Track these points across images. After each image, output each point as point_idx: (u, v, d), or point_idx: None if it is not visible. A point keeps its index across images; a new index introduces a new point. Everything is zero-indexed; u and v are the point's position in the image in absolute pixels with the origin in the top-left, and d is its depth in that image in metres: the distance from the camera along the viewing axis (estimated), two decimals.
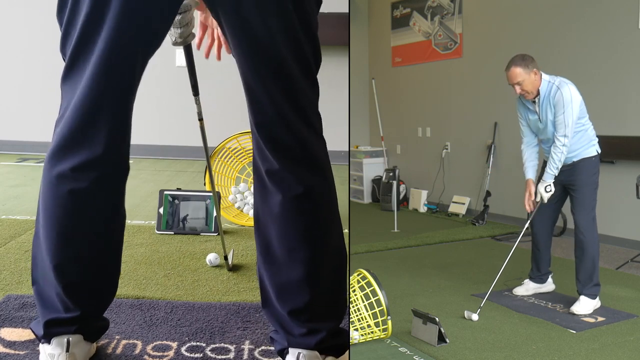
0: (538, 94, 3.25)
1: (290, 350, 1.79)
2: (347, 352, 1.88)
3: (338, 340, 1.84)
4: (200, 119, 2.55)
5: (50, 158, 1.71)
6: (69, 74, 1.70)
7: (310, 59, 1.73)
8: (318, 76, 1.82)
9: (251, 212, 3.83)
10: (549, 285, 3.59)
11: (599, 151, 3.31)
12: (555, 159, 3.22)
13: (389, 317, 2.74)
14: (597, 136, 3.38)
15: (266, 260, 1.78)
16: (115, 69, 1.66)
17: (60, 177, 1.68)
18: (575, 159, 3.28)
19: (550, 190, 3.28)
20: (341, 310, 1.86)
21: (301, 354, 1.75)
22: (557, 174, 3.26)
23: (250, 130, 1.78)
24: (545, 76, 3.25)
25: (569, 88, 3.17)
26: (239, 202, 3.92)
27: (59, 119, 1.72)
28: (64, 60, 1.71)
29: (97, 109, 1.67)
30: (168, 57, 6.02)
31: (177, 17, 1.92)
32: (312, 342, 1.76)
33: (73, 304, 1.79)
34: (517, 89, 3.26)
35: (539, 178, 3.35)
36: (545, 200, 3.31)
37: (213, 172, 3.86)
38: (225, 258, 2.85)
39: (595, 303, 3.27)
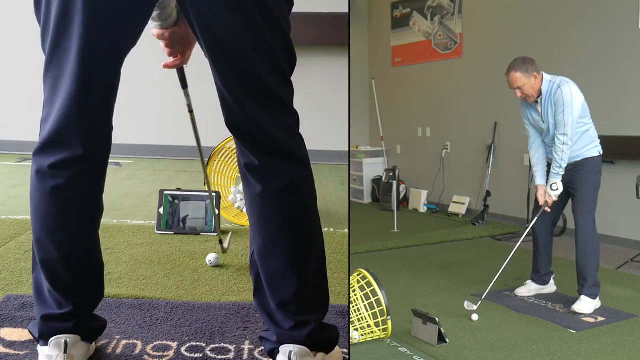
0: (540, 94, 3.25)
1: (281, 348, 1.79)
2: (336, 349, 1.89)
3: (327, 335, 1.85)
4: (191, 111, 2.51)
5: (33, 155, 1.75)
6: (47, 71, 1.72)
7: (279, 57, 1.70)
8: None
9: None
10: (551, 287, 3.58)
11: (601, 152, 3.31)
12: (557, 158, 3.21)
13: (389, 317, 2.74)
14: (598, 136, 3.38)
15: (257, 251, 1.80)
16: (89, 70, 1.67)
17: (39, 173, 1.72)
18: (577, 159, 3.28)
19: (557, 189, 3.26)
20: (326, 300, 1.88)
21: (292, 352, 1.76)
22: (563, 173, 3.24)
23: None
24: (546, 76, 3.25)
25: (569, 87, 3.17)
26: (239, 202, 3.92)
27: (43, 119, 1.75)
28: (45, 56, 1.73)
29: (76, 110, 1.68)
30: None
31: None
32: (302, 334, 1.77)
33: (64, 299, 1.80)
34: (518, 93, 3.26)
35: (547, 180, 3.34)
36: (555, 198, 3.29)
37: (213, 172, 3.87)
38: (221, 242, 2.86)
39: (596, 303, 3.27)
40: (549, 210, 3.34)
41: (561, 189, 3.27)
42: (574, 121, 3.16)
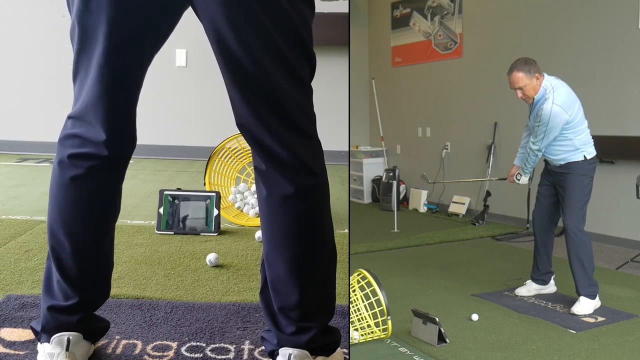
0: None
1: (281, 351, 1.79)
2: (337, 350, 1.88)
3: (329, 339, 1.84)
4: None
5: (58, 144, 1.77)
6: (76, 68, 1.73)
7: (292, 59, 1.67)
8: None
9: (251, 212, 3.83)
10: (551, 287, 3.58)
11: (588, 157, 3.27)
12: (525, 159, 3.45)
13: (389, 317, 2.75)
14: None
15: (264, 254, 1.79)
16: (115, 70, 1.68)
17: (61, 164, 1.75)
18: (562, 162, 3.30)
19: (519, 180, 3.58)
20: (331, 308, 1.86)
21: (292, 355, 1.75)
22: (528, 173, 3.51)
23: None
24: (546, 82, 3.24)
25: (550, 106, 3.17)
26: (239, 202, 3.92)
27: (69, 115, 1.76)
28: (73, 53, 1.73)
29: (101, 108, 1.70)
30: (168, 57, 6.02)
31: None
32: (302, 340, 1.76)
33: (71, 291, 1.81)
34: (519, 93, 3.27)
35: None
36: (519, 183, 3.61)
37: (213, 172, 3.87)
38: None
39: (595, 303, 3.27)
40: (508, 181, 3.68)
41: (523, 183, 3.59)
42: (546, 138, 3.24)
